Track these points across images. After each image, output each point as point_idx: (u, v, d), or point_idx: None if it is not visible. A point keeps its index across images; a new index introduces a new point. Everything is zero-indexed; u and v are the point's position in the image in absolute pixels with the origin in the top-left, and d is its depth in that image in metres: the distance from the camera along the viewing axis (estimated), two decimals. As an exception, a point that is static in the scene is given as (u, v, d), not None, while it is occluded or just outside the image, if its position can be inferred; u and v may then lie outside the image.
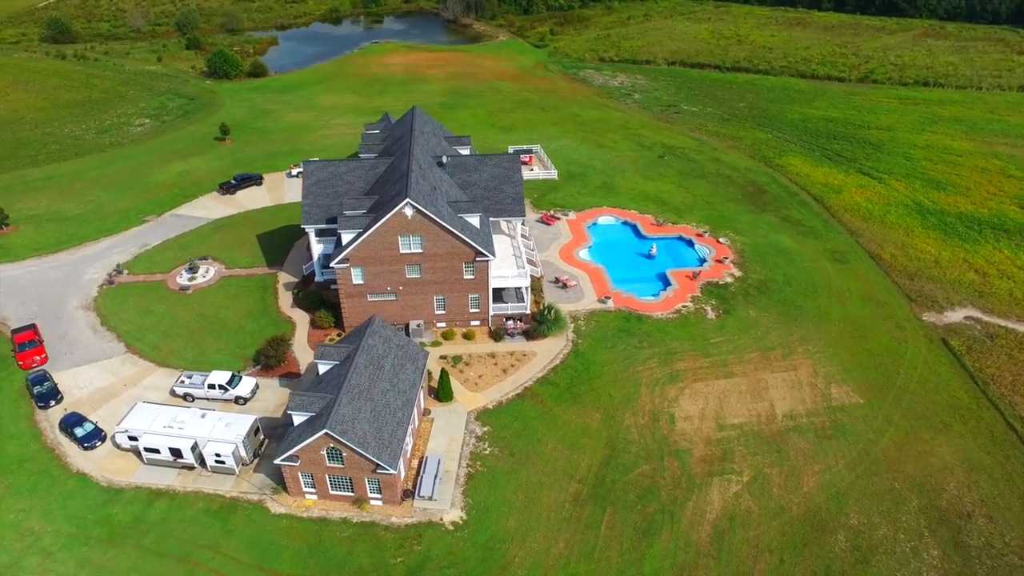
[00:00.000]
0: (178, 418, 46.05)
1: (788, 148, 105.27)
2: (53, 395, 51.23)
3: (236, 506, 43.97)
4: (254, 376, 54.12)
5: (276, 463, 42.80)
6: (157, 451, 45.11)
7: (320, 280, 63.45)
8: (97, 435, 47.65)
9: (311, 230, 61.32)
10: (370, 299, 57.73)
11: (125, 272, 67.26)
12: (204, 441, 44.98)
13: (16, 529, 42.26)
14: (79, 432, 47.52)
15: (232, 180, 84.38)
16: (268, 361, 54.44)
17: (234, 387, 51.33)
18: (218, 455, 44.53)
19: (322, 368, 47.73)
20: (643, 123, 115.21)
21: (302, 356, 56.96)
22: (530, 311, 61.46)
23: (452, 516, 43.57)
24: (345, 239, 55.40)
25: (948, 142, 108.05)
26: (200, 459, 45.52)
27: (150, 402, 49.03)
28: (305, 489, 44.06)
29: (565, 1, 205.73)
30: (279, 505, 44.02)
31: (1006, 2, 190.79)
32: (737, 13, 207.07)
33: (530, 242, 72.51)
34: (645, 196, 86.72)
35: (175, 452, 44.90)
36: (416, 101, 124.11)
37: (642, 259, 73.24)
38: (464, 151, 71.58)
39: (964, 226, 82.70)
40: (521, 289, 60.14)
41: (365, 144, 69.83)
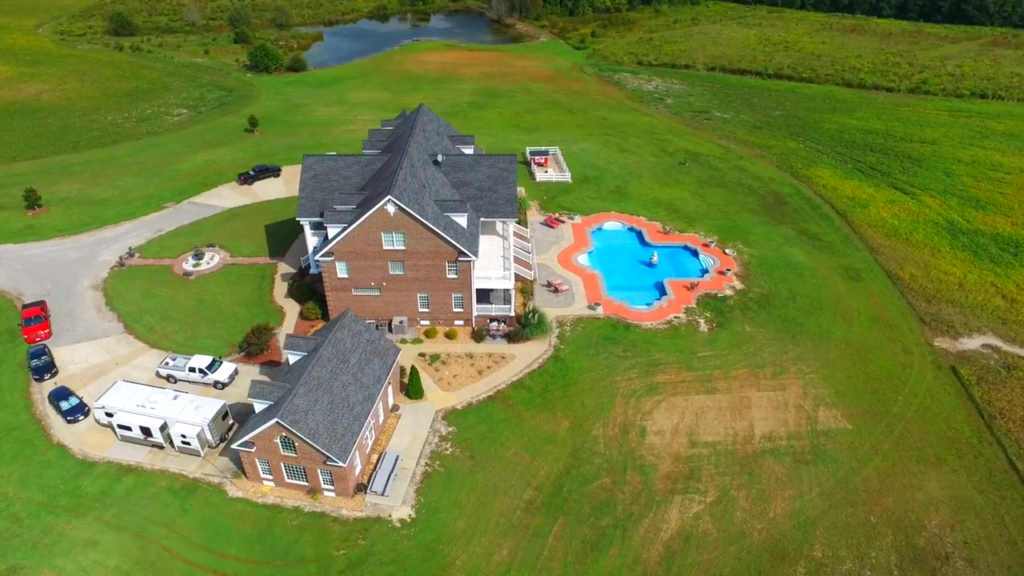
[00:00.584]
0: (151, 398, 47.75)
1: (818, 159, 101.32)
2: (48, 369, 53.89)
3: (197, 487, 45.28)
4: (237, 362, 55.60)
5: (233, 448, 43.88)
6: (129, 428, 46.91)
7: (314, 272, 64.63)
8: (80, 409, 49.88)
9: (306, 223, 62.54)
10: (355, 293, 58.50)
11: (136, 255, 70.20)
12: (173, 422, 46.52)
13: (-7, 493, 44.72)
14: (64, 406, 49.86)
15: (251, 171, 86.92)
16: (251, 349, 55.85)
17: (213, 372, 52.88)
18: (184, 436, 45.97)
19: (292, 359, 48.64)
20: (670, 128, 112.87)
21: (287, 345, 58.19)
22: (515, 314, 61.10)
23: (401, 513, 43.72)
24: (331, 233, 56.31)
25: (997, 158, 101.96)
26: (169, 439, 47.03)
27: (130, 381, 50.98)
28: (263, 475, 45.00)
29: (612, 3, 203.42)
30: (237, 489, 45.11)
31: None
32: (790, 19, 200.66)
33: (528, 244, 72.07)
34: (658, 203, 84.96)
35: (145, 431, 46.60)
36: (446, 99, 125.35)
37: (642, 267, 71.79)
38: (468, 150, 71.71)
39: (998, 248, 77.85)
40: (507, 291, 59.77)
41: (369, 140, 70.75)
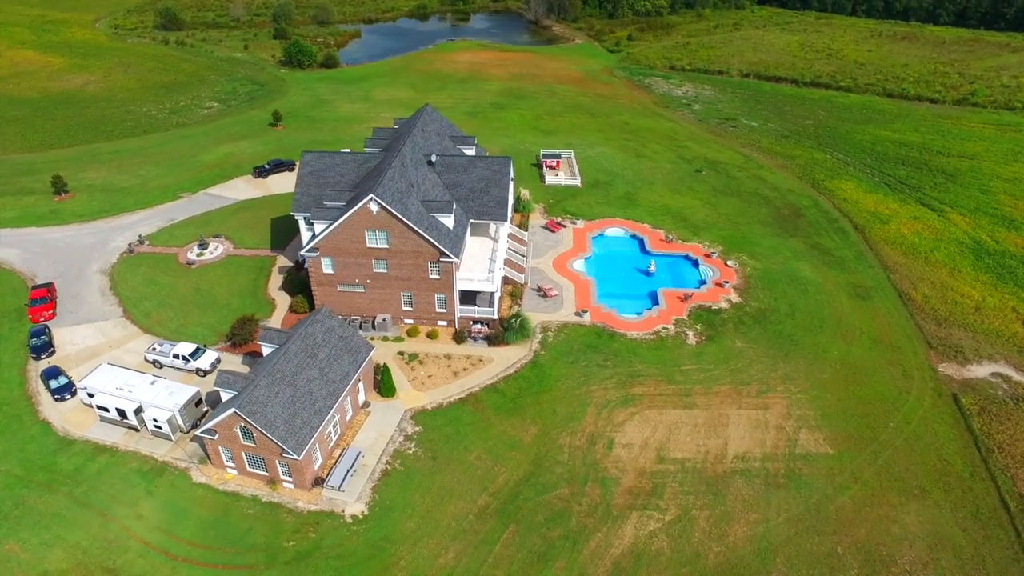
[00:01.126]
0: (130, 381, 49.45)
1: (844, 171, 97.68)
2: (45, 348, 56.39)
3: (164, 470, 46.66)
4: (222, 351, 57.05)
5: (196, 435, 45.03)
6: (107, 410, 48.67)
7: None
8: (68, 389, 52.00)
9: (300, 218, 63.70)
10: (340, 289, 59.29)
11: (146, 243, 72.78)
12: (147, 406, 48.06)
13: (-25, 465, 47.04)
14: (53, 384, 52.08)
15: (266, 165, 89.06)
16: (235, 339, 57.21)
17: (196, 359, 54.39)
18: (156, 420, 47.42)
19: (265, 350, 49.65)
20: (692, 135, 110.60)
21: (273, 337, 59.39)
22: (499, 317, 60.87)
23: (354, 509, 44.09)
24: (317, 229, 57.21)
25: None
26: (143, 422, 48.57)
27: (114, 364, 52.87)
28: (226, 463, 46.05)
29: (652, 6, 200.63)
30: (202, 475, 46.28)
31: None
32: (838, 25, 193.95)
33: (524, 247, 71.74)
34: (666, 210, 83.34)
35: (121, 413, 48.27)
36: (470, 99, 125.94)
37: (639, 275, 70.54)
38: (469, 151, 71.86)
39: (1026, 271, 73.61)
40: (491, 294, 59.57)
41: (372, 138, 71.58)
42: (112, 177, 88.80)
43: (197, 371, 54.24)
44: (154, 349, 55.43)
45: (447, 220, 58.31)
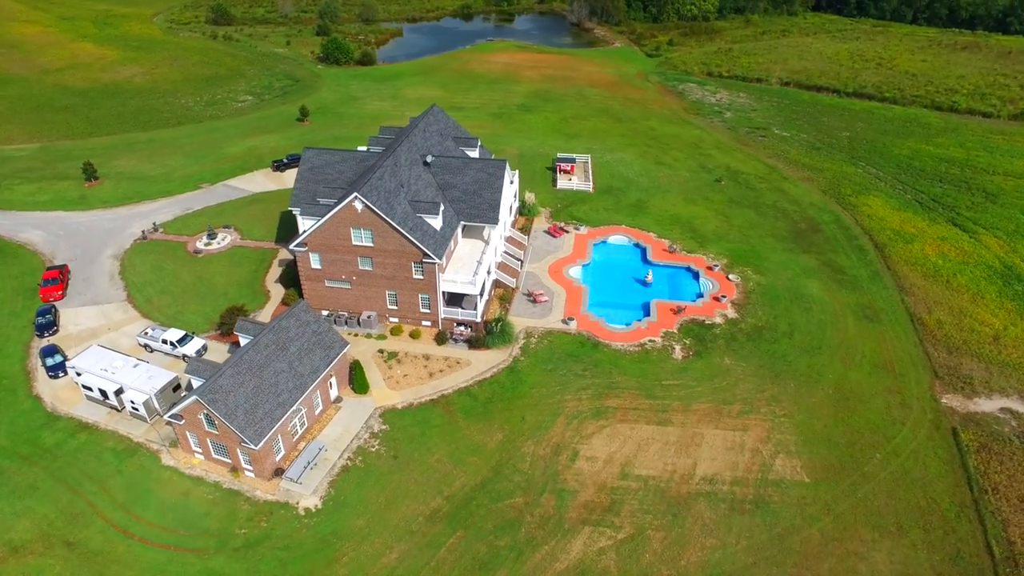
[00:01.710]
0: (114, 364, 51.45)
1: (873, 186, 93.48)
2: (49, 327, 59.25)
3: (137, 451, 48.38)
4: (211, 340, 58.77)
5: (165, 419, 46.52)
6: (91, 389, 50.80)
7: (305, 260, 67.05)
8: (62, 367, 54.50)
9: (297, 212, 64.96)
10: (328, 284, 60.23)
11: (160, 231, 75.64)
12: (127, 388, 49.91)
13: (-37, 435, 49.78)
14: (49, 362, 54.69)
15: (284, 159, 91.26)
16: (223, 328, 58.83)
17: (182, 346, 56.19)
18: (133, 402, 49.22)
19: (242, 341, 50.87)
20: (718, 143, 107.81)
21: (262, 328, 60.82)
22: (484, 320, 60.71)
23: (308, 502, 44.73)
24: (307, 225, 58.24)
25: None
26: (122, 404, 50.46)
27: (103, 346, 55.11)
28: (193, 448, 47.41)
29: (699, 11, 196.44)
30: (171, 458, 47.79)
31: None
32: (894, 34, 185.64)
33: (522, 252, 71.36)
34: (676, 220, 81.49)
35: (103, 393, 50.31)
36: (497, 100, 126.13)
37: (635, 285, 69.19)
38: (472, 153, 71.97)
39: (1058, 302, 68.86)
40: (473, 296, 59.44)
41: (377, 137, 72.43)
42: (141, 166, 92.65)
43: (183, 357, 56.02)
44: (146, 333, 57.54)
45: (434, 221, 58.49)
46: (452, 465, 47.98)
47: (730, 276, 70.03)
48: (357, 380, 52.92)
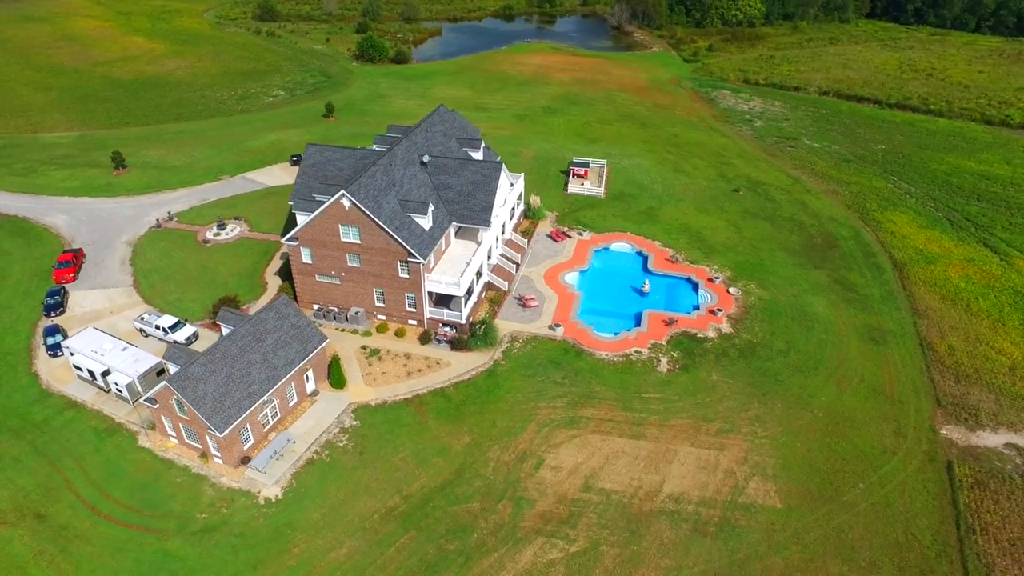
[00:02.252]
0: (104, 346, 53.45)
1: (902, 202, 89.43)
2: (56, 307, 62.01)
3: (117, 431, 50.14)
4: (204, 327, 60.45)
5: (140, 402, 48.02)
6: (81, 369, 52.94)
7: (304, 254, 68.29)
8: (59, 346, 56.95)
9: (291, 206, 66.12)
10: (318, 279, 61.17)
11: (174, 219, 78.29)
12: (113, 370, 51.79)
13: (-40, 406, 52.43)
14: (49, 341, 57.27)
15: (302, 154, 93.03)
16: (215, 317, 60.37)
17: (174, 332, 57.99)
18: (117, 384, 51.04)
19: (224, 331, 52.10)
20: (742, 152, 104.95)
21: (255, 319, 62.21)
22: (470, 321, 60.61)
23: (270, 492, 45.50)
24: (298, 220, 59.30)
25: None
26: (108, 385, 52.38)
27: (98, 328, 57.29)
28: (168, 432, 48.83)
29: (744, 16, 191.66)
30: (148, 440, 49.36)
31: None
32: (953, 43, 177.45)
33: (519, 255, 70.97)
34: (685, 229, 79.68)
35: (91, 374, 52.35)
36: (523, 102, 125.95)
37: (631, 294, 67.93)
38: (476, 154, 71.98)
39: (1088, 334, 64.41)
40: (457, 298, 59.39)
41: (383, 136, 73.11)
42: (167, 156, 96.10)
43: (174, 343, 57.78)
44: (142, 319, 59.59)
45: (422, 221, 58.72)
46: (415, 465, 48.05)
47: (730, 289, 68.03)
48: (334, 375, 53.55)
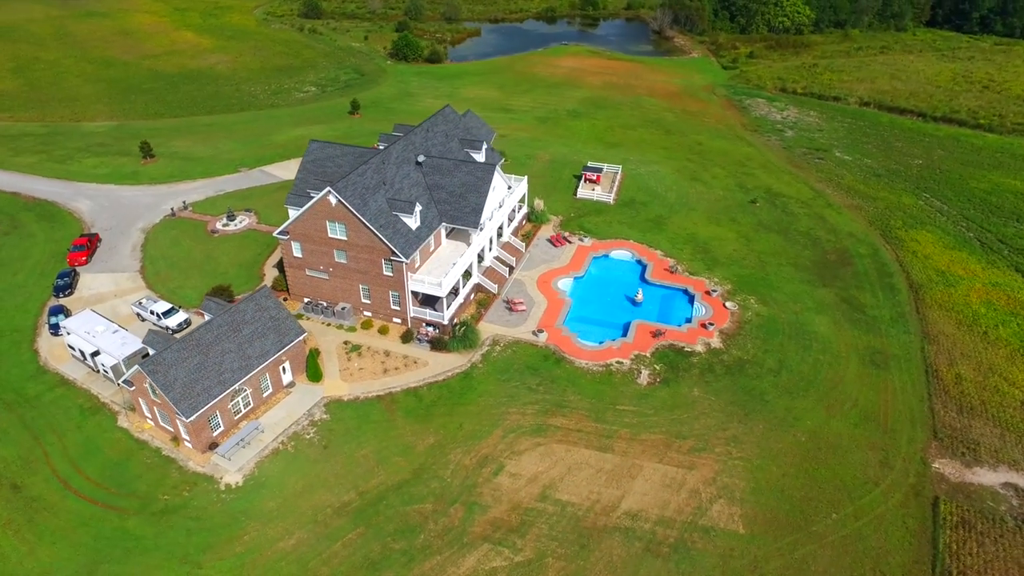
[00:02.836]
0: (96, 328, 55.67)
1: (931, 220, 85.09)
2: (65, 288, 64.99)
3: (99, 410, 52.15)
4: (196, 314, 62.26)
5: (118, 383, 49.82)
6: (74, 349, 55.31)
7: (303, 248, 69.60)
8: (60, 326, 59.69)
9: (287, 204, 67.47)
10: (308, 273, 62.25)
11: (189, 209, 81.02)
12: (101, 352, 53.90)
13: (-38, 378, 55.40)
14: (52, 320, 60.04)
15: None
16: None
17: (167, 318, 59.95)
18: (104, 365, 53.11)
19: (206, 318, 53.57)
20: (766, 163, 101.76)
21: (248, 309, 63.74)
22: (455, 322, 60.62)
23: (231, 479, 46.53)
24: (291, 215, 60.49)
25: None
26: (96, 365, 54.55)
27: (94, 310, 59.68)
28: (146, 414, 50.51)
29: (792, 23, 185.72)
30: (126, 421, 51.17)
31: None
32: (1020, 53, 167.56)
33: (515, 259, 70.61)
34: (691, 239, 77.77)
35: (82, 354, 54.62)
36: (549, 104, 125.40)
37: (624, 303, 66.71)
38: (477, 156, 71.98)
39: (1115, 371, 59.86)
40: (439, 299, 59.46)
41: (388, 134, 73.83)
42: (194, 147, 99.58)
43: (166, 328, 59.77)
44: (140, 303, 61.85)
45: (409, 220, 59.04)
46: (376, 463, 48.33)
47: (728, 303, 65.99)
48: (310, 368, 54.40)
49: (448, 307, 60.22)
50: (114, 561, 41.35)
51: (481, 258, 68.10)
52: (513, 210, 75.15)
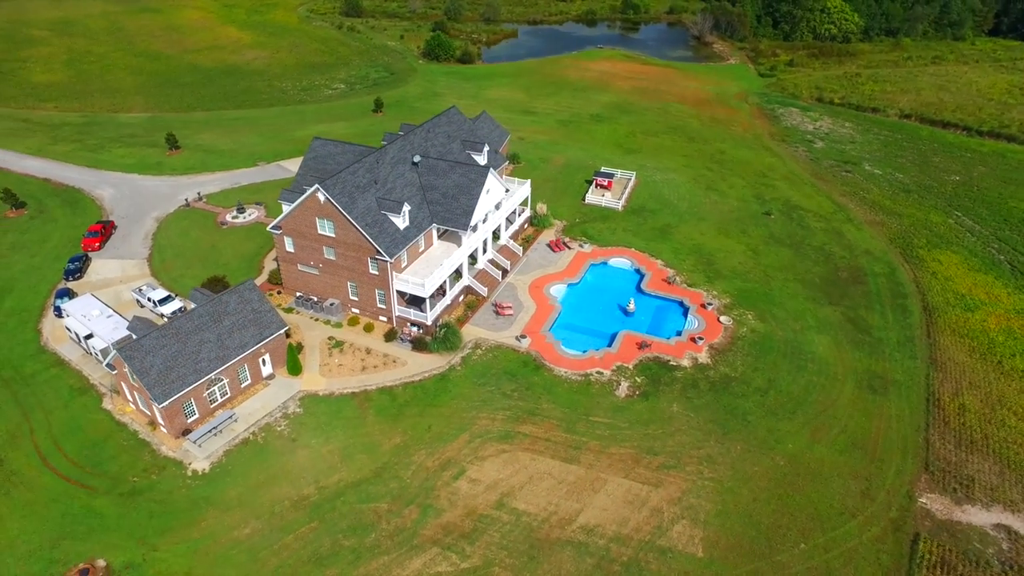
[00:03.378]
0: (92, 312, 57.85)
1: (958, 240, 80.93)
2: (75, 272, 67.74)
3: (88, 392, 54.12)
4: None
5: (104, 367, 51.56)
6: (71, 331, 57.58)
7: (303, 243, 70.79)
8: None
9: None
10: (300, 268, 63.25)
11: (203, 200, 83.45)
12: (95, 335, 55.96)
13: (-30, 354, 58.26)
14: (58, 302, 62.66)
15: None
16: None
17: (162, 306, 61.81)
18: (95, 348, 55.11)
19: (192, 307, 55.03)
20: (789, 174, 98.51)
21: (243, 300, 65.16)
22: (433, 323, 60.66)
23: (199, 465, 47.61)
24: (284, 209, 61.60)
25: None
26: (89, 348, 56.65)
27: (95, 295, 61.99)
28: (128, 397, 52.18)
29: (839, 30, 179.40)
30: (110, 403, 52.96)
31: None
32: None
33: (510, 262, 70.21)
34: (696, 250, 75.90)
35: (77, 336, 56.82)
36: (573, 108, 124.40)
37: (616, 312, 65.52)
38: (479, 158, 71.88)
39: None
40: (423, 299, 59.56)
41: (391, 134, 74.40)
42: (218, 140, 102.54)
43: (161, 315, 61.64)
44: (139, 290, 63.98)
45: (397, 220, 59.33)
46: (340, 458, 48.72)
47: (722, 318, 64.09)
48: (290, 362, 55.24)
49: (433, 308, 60.29)
50: (76, 538, 42.81)
51: (474, 260, 67.96)
52: (513, 213, 74.78)
